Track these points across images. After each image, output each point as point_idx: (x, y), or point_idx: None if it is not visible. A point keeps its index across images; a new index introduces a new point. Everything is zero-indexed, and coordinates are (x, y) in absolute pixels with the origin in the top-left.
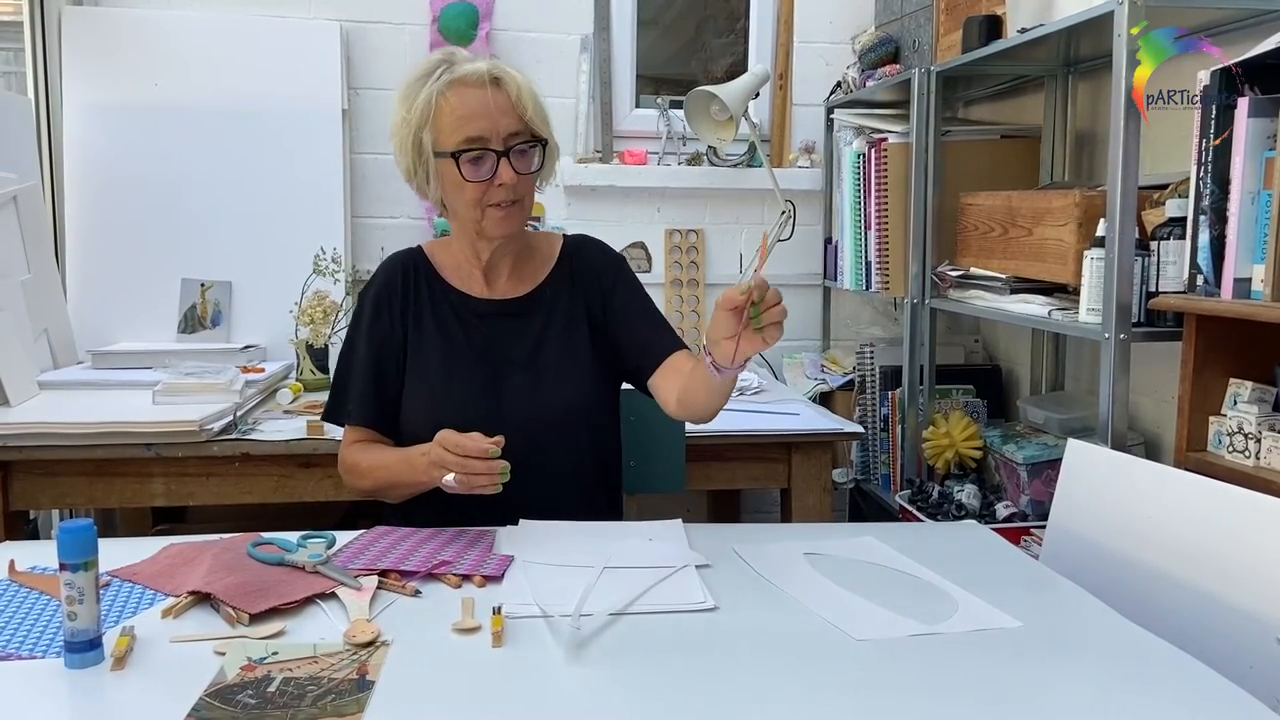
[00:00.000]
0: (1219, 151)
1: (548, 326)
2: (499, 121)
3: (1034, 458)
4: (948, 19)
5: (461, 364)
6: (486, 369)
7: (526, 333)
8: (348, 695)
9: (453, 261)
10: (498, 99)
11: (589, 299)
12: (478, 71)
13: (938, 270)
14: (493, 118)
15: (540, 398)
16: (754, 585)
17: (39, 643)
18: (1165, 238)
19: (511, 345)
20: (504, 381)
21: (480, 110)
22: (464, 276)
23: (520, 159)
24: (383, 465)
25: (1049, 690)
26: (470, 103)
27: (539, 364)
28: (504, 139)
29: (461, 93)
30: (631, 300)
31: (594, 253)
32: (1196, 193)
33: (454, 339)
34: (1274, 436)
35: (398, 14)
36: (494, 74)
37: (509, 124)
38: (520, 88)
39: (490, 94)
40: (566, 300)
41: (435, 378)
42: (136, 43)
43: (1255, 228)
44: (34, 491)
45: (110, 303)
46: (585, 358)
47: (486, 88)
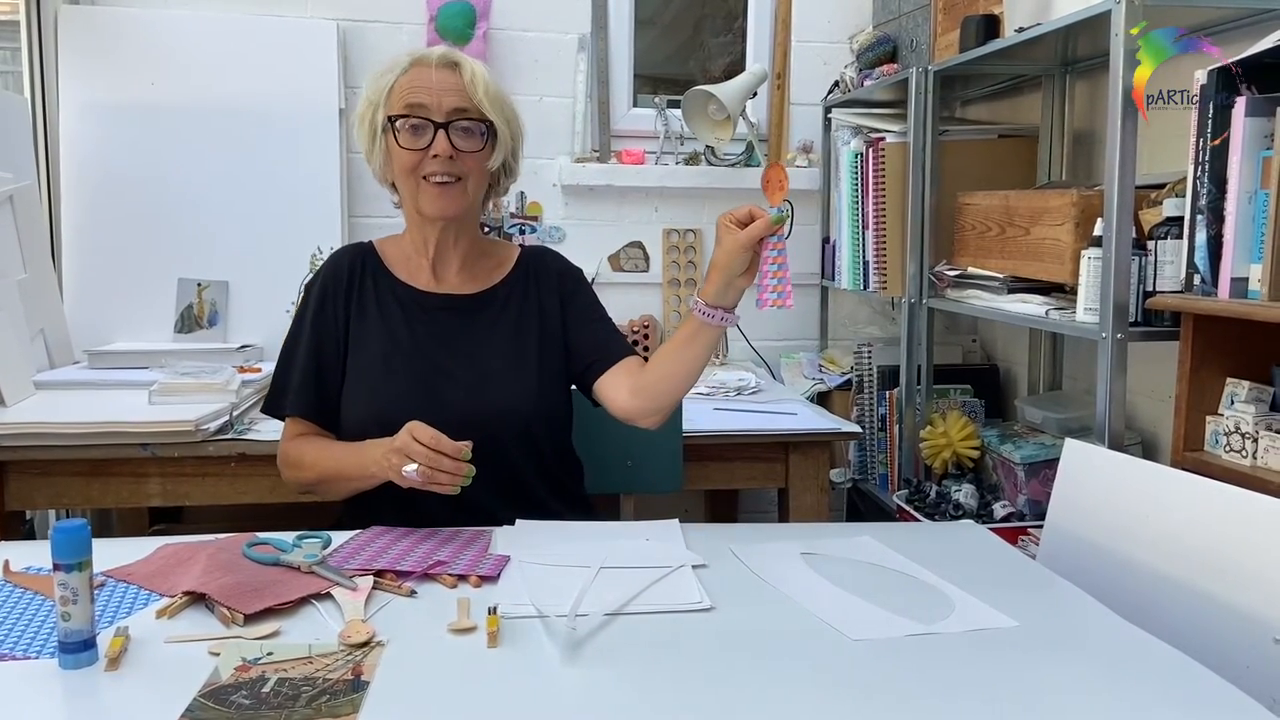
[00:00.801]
0: (1216, 151)
1: (494, 327)
2: (444, 98)
3: (1031, 457)
4: (945, 18)
5: (401, 356)
6: (426, 363)
7: (471, 330)
8: (343, 696)
9: (402, 254)
10: (447, 76)
11: (544, 304)
12: (435, 53)
13: (935, 270)
14: (437, 93)
15: (480, 397)
16: (750, 585)
17: (33, 643)
18: (1162, 237)
19: (455, 341)
20: (444, 377)
21: (427, 84)
22: (412, 269)
23: (462, 136)
24: (329, 456)
25: (1046, 690)
26: (420, 78)
27: (481, 363)
28: (446, 112)
29: (416, 71)
30: (587, 308)
31: (552, 261)
32: (1194, 192)
33: (396, 331)
34: (1271, 436)
35: (395, 13)
36: (451, 58)
37: (454, 100)
38: (476, 73)
39: (440, 72)
40: (518, 304)
41: (375, 370)
42: (133, 42)
43: (1252, 227)
44: (30, 491)
45: (106, 302)
46: (531, 362)
47: (437, 67)
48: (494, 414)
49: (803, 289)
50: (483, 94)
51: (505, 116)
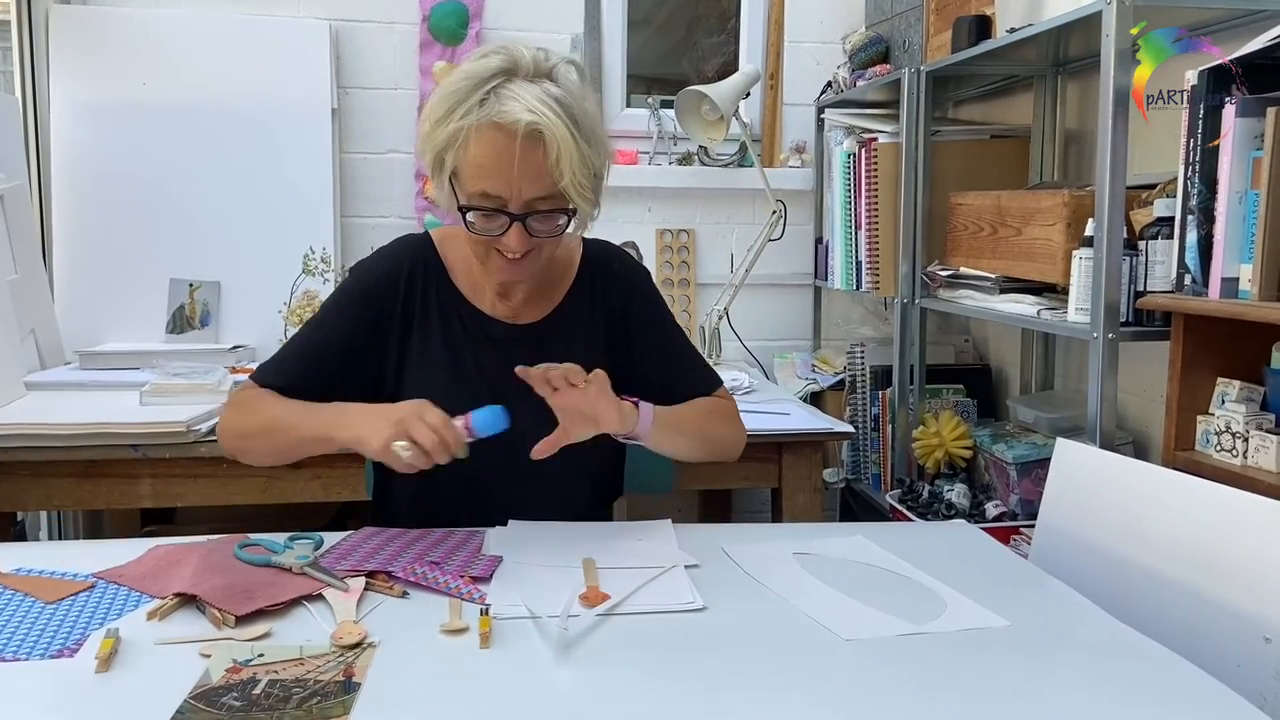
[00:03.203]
0: (1207, 152)
1: (565, 358)
2: (523, 185)
3: (1023, 457)
4: (937, 19)
5: (467, 387)
6: (493, 398)
7: (546, 359)
8: (334, 697)
9: (466, 264)
10: (529, 156)
11: (610, 324)
12: (516, 120)
13: (928, 270)
14: (516, 181)
15: (549, 429)
16: (743, 585)
17: (23, 645)
18: (1153, 237)
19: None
20: (516, 417)
21: (504, 166)
22: (475, 284)
23: (541, 221)
24: (283, 406)
25: (1038, 689)
26: (496, 155)
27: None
28: (524, 203)
29: (493, 138)
30: (653, 331)
31: (618, 268)
32: (1184, 193)
33: (462, 358)
34: (1261, 436)
35: (387, 13)
36: (535, 128)
37: (535, 189)
38: (562, 151)
39: (521, 150)
40: (586, 324)
41: (439, 399)
42: (125, 41)
43: (1243, 227)
44: (20, 493)
45: (98, 303)
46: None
47: (520, 143)
48: (566, 454)
49: (796, 289)
50: (569, 178)
51: (593, 187)
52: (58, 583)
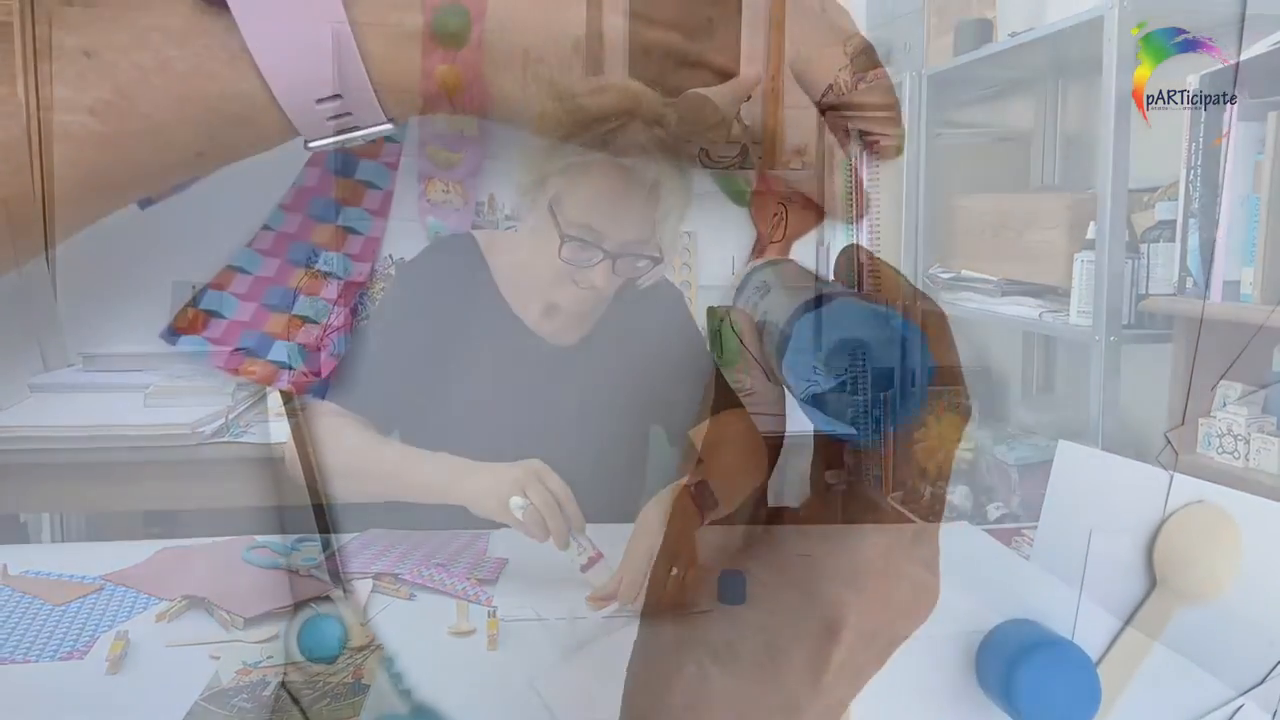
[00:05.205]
0: (1209, 155)
1: (604, 379)
2: (626, 227)
3: (1025, 459)
4: (938, 22)
5: (511, 411)
6: (538, 423)
7: (581, 387)
8: (344, 699)
9: (515, 270)
10: (638, 202)
11: (644, 340)
12: (637, 169)
13: (929, 272)
14: (621, 221)
15: (585, 459)
16: None
17: (32, 647)
18: (1155, 240)
19: (567, 396)
20: (555, 441)
21: (614, 203)
22: (523, 294)
23: (628, 264)
24: (388, 448)
25: None
26: (612, 195)
27: (593, 419)
28: (621, 244)
29: (604, 171)
30: (683, 347)
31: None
32: (1186, 196)
33: (508, 379)
34: (1263, 438)
35: None
36: (650, 178)
37: (635, 233)
38: (673, 208)
39: (636, 196)
40: (618, 341)
41: (482, 419)
42: None
43: (1245, 230)
44: (25, 495)
45: (101, 305)
46: (635, 411)
47: (634, 188)
48: (599, 473)
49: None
50: (670, 234)
51: (679, 239)
52: (66, 585)
